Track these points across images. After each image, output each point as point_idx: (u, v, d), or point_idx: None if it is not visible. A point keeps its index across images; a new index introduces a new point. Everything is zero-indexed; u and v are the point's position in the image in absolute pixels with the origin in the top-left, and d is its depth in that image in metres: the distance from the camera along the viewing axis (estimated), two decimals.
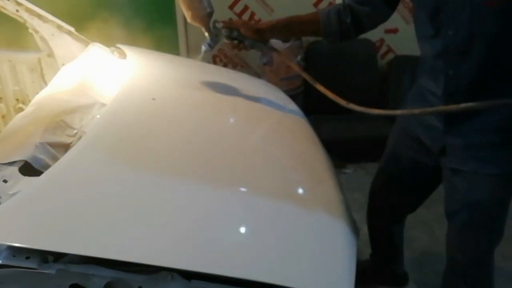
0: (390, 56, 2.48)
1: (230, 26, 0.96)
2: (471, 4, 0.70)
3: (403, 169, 1.02)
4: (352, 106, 0.86)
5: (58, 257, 0.63)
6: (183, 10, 0.98)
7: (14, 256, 0.60)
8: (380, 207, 1.15)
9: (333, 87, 0.92)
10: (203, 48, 1.02)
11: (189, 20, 0.99)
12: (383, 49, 2.46)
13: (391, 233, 1.21)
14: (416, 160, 0.97)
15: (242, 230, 0.74)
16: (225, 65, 2.48)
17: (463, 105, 0.69)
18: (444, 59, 0.79)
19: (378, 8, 0.89)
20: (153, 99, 1.05)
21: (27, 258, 0.60)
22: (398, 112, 0.89)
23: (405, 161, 1.00)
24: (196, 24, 0.98)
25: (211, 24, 0.99)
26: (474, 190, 0.84)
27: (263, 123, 1.07)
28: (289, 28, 0.97)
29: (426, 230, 1.59)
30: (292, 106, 1.29)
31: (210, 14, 0.98)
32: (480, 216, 0.87)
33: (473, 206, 0.86)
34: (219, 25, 0.97)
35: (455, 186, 0.87)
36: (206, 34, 0.99)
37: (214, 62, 2.49)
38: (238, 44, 0.98)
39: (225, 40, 0.98)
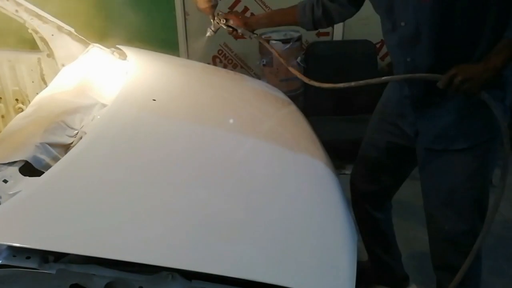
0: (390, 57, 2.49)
1: (227, 17, 1.19)
2: (412, 1, 0.85)
3: (381, 152, 1.10)
4: (312, 82, 1.02)
5: (58, 257, 0.63)
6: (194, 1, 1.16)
7: (14, 256, 0.60)
8: (360, 196, 1.18)
9: (332, 89, 1.00)
10: (208, 32, 1.23)
11: (198, 6, 1.17)
12: (383, 50, 2.47)
13: (376, 222, 1.21)
14: (392, 142, 1.06)
15: (242, 230, 0.74)
16: (225, 66, 2.49)
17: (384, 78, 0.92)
18: (401, 48, 0.91)
19: (344, 6, 1.05)
20: (153, 100, 1.06)
21: (28, 258, 0.60)
22: (349, 83, 0.98)
23: (382, 144, 1.09)
24: (203, 11, 1.17)
25: (215, 13, 1.20)
26: (447, 166, 0.94)
27: (263, 124, 1.07)
28: (270, 19, 1.21)
29: (426, 230, 1.59)
30: (292, 107, 1.30)
31: (215, 6, 1.18)
32: (457, 189, 0.95)
33: (448, 181, 0.95)
34: (221, 15, 1.19)
35: (430, 164, 0.97)
36: (212, 20, 1.21)
37: (214, 63, 2.49)
38: (233, 31, 1.19)
39: (223, 27, 1.19)
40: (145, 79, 1.18)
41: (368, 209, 1.19)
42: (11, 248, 0.61)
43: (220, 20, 1.18)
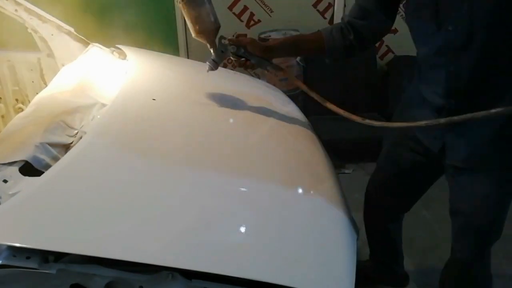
0: (389, 56, 2.49)
1: (237, 43, 0.95)
2: (468, 1, 0.72)
3: (400, 169, 1.03)
4: (368, 121, 0.87)
5: (58, 257, 0.63)
6: (188, 24, 0.95)
7: (14, 256, 0.60)
8: (376, 206, 1.16)
9: (332, 88, 0.93)
10: (208, 65, 1.00)
11: (194, 35, 0.96)
12: (383, 49, 2.47)
13: (388, 232, 1.21)
14: (413, 160, 0.98)
15: (242, 229, 0.74)
16: (224, 66, 2.49)
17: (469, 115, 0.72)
18: (445, 56, 0.79)
19: (378, 21, 0.90)
20: (153, 99, 1.06)
21: (28, 258, 0.60)
22: (413, 123, 0.85)
23: (402, 161, 1.01)
24: (201, 39, 0.96)
25: (217, 40, 0.97)
26: (476, 186, 0.85)
27: (263, 124, 1.07)
28: (296, 46, 0.98)
29: (426, 230, 1.59)
30: (292, 106, 1.30)
31: (217, 29, 0.97)
32: (483, 211, 0.87)
33: (476, 202, 0.87)
34: (225, 42, 0.95)
35: (459, 183, 0.89)
36: (211, 50, 0.98)
37: None
38: (244, 62, 0.97)
39: (231, 57, 0.97)
40: (145, 78, 1.18)
41: (382, 220, 1.19)
42: (11, 248, 0.61)
43: (227, 48, 0.94)
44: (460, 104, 0.80)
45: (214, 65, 0.99)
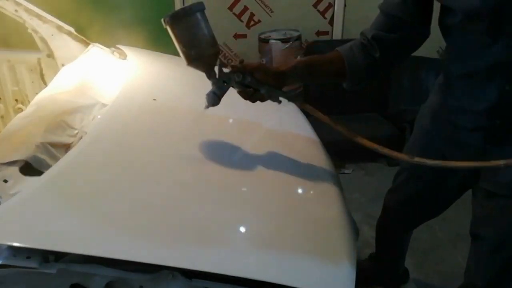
0: None
1: (242, 70, 0.75)
2: None
3: (423, 190, 0.95)
4: (418, 160, 0.73)
5: (59, 256, 0.63)
6: (179, 50, 0.76)
7: (14, 256, 0.60)
8: (394, 223, 1.14)
9: (333, 88, 0.83)
10: (208, 100, 0.78)
11: (188, 63, 0.76)
12: None
13: (400, 243, 1.21)
14: (438, 181, 0.90)
15: (243, 229, 0.74)
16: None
17: None
18: (502, 72, 0.68)
19: (413, 30, 0.74)
20: (154, 99, 1.06)
21: (28, 258, 0.60)
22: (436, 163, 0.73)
23: (426, 182, 0.93)
24: (197, 68, 0.77)
25: (216, 68, 0.77)
26: (509, 213, 0.79)
27: (263, 124, 1.07)
28: (311, 69, 0.79)
29: (427, 231, 1.59)
30: (292, 106, 1.30)
31: (216, 54, 0.77)
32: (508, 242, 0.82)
33: (507, 232, 0.81)
34: (227, 69, 0.78)
35: (489, 209, 0.82)
36: (211, 81, 0.77)
37: None
38: (253, 93, 0.77)
39: (236, 89, 0.77)
40: (145, 78, 1.18)
41: (397, 235, 1.17)
42: (11, 248, 0.61)
43: (231, 77, 0.75)
44: (506, 124, 0.73)
45: (215, 100, 0.77)
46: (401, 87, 2.19)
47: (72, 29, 1.36)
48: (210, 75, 0.78)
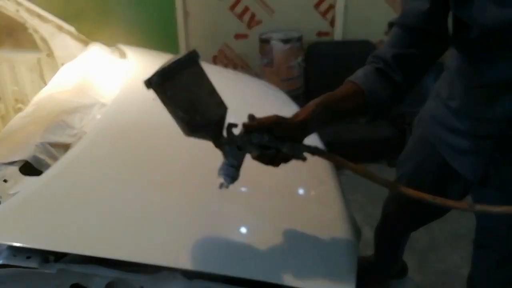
0: None
1: (258, 129, 0.60)
2: None
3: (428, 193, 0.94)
4: (479, 207, 0.66)
5: (59, 257, 0.62)
6: (176, 118, 0.59)
7: (14, 256, 0.60)
8: (393, 228, 1.14)
9: (333, 88, 0.76)
10: (225, 176, 0.61)
11: (189, 133, 0.60)
12: None
13: (400, 243, 1.22)
14: (440, 189, 0.84)
15: (243, 230, 0.73)
16: (225, 66, 2.49)
17: None
18: None
19: (438, 44, 0.67)
20: (154, 99, 1.05)
21: (28, 257, 0.60)
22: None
23: (427, 190, 0.90)
24: (202, 137, 0.61)
25: (224, 132, 0.61)
26: None
27: None
28: (331, 110, 0.65)
29: (426, 231, 1.59)
30: (293, 107, 1.30)
31: (223, 118, 0.61)
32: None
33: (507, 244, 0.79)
34: (241, 131, 0.61)
35: (495, 220, 0.79)
36: (220, 150, 0.62)
37: (215, 63, 2.49)
38: (275, 154, 0.62)
39: (252, 153, 0.62)
40: (145, 78, 1.17)
41: (397, 237, 1.17)
42: (11, 248, 0.61)
43: (245, 139, 0.60)
44: None
45: (234, 172, 0.61)
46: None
47: (72, 29, 1.36)
48: (219, 142, 0.61)
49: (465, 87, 0.74)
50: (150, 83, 0.57)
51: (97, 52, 1.31)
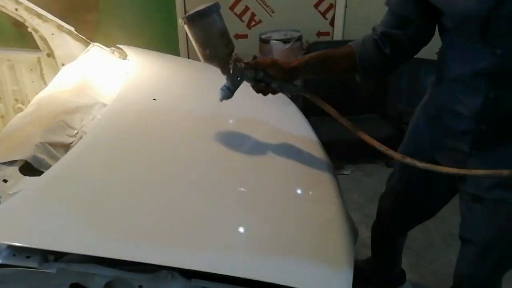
0: None
1: (256, 66, 0.81)
2: None
3: (414, 192, 0.97)
4: (410, 160, 0.76)
5: (58, 256, 0.63)
6: (196, 47, 0.81)
7: (14, 255, 0.61)
8: (388, 226, 1.15)
9: (332, 89, 0.83)
10: (222, 94, 0.84)
11: (204, 60, 0.82)
12: None
13: (395, 245, 1.22)
14: (428, 184, 0.91)
15: (241, 229, 0.74)
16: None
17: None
18: (486, 80, 0.69)
19: (420, 28, 0.76)
20: (154, 99, 1.06)
21: (28, 257, 0.61)
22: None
23: (417, 184, 0.94)
24: (212, 65, 0.83)
25: (231, 65, 0.83)
26: (496, 219, 0.79)
27: (262, 125, 1.07)
28: (324, 65, 0.83)
29: (423, 231, 1.60)
30: (292, 107, 1.30)
31: (231, 52, 0.84)
32: (500, 245, 0.82)
33: (494, 235, 0.81)
34: (241, 65, 0.82)
35: (475, 213, 0.82)
36: (225, 76, 0.83)
37: None
38: (265, 87, 0.82)
39: (249, 83, 0.83)
40: (145, 78, 1.18)
41: (392, 236, 1.18)
42: (11, 247, 0.61)
43: (244, 72, 0.81)
44: (491, 130, 0.73)
45: (228, 94, 0.84)
46: (399, 88, 2.19)
47: (72, 29, 1.36)
48: (224, 71, 0.83)
49: (444, 79, 0.79)
50: (182, 21, 0.79)
51: (97, 52, 1.32)
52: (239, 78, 0.82)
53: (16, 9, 1.27)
